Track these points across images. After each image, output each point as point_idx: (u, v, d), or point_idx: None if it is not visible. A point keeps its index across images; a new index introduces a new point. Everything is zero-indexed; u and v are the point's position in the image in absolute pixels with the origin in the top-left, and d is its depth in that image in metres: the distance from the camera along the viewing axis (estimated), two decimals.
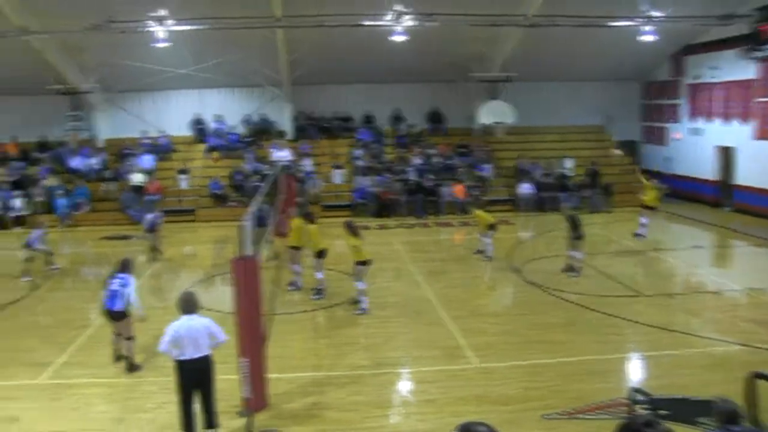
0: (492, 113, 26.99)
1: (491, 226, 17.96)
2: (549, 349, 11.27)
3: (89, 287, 16.31)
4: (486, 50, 25.52)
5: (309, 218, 15.06)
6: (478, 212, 18.56)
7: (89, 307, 14.42)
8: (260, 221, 15.83)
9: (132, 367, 10.67)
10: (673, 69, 27.99)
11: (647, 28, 21.99)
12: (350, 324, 12.97)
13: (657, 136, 29.67)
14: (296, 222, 15.48)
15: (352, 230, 13.58)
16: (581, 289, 14.71)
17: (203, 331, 8.07)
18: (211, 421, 8.34)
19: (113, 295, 10.56)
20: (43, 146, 27.80)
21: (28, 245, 17.14)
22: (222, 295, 14.33)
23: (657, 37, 22.59)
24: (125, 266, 10.90)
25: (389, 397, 9.68)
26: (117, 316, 10.63)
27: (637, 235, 20.12)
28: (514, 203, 25.82)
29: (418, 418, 8.94)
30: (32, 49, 22.80)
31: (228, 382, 9.35)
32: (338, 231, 22.22)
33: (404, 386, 10.24)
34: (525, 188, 25.67)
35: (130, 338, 10.73)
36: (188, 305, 8.19)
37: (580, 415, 8.79)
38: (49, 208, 24.54)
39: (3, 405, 9.50)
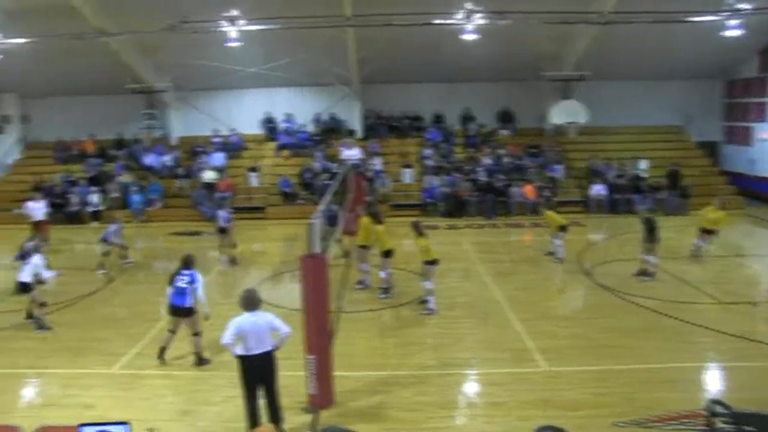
0: (564, 113, 26.48)
1: (562, 228, 17.66)
2: (620, 354, 10.94)
3: (161, 281, 16.61)
4: (558, 48, 25.04)
5: (376, 218, 15.05)
6: (549, 213, 18.23)
7: (161, 301, 14.67)
8: (330, 220, 15.98)
9: (201, 361, 10.85)
10: (761, 65, 26.61)
11: (732, 22, 20.77)
12: (417, 324, 12.88)
13: (741, 137, 28.33)
14: (365, 221, 15.48)
15: (419, 230, 13.60)
16: (655, 294, 14.24)
17: (266, 327, 8.12)
18: (275, 415, 8.37)
19: (181, 292, 10.74)
20: (119, 144, 28.74)
21: (104, 239, 17.70)
22: (290, 293, 14.49)
23: (743, 32, 21.31)
24: (189, 262, 11.07)
25: (455, 399, 9.56)
26: (185, 313, 10.81)
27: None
28: (586, 205, 25.23)
29: (484, 420, 8.80)
30: (110, 50, 23.56)
31: (294, 378, 9.42)
32: (406, 231, 22.26)
33: (470, 388, 10.10)
34: (597, 189, 25.05)
35: (197, 334, 10.90)
36: (250, 302, 8.23)
37: (654, 425, 8.47)
38: (123, 203, 25.31)
39: (80, 392, 9.87)
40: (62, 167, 27.67)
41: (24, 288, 12.85)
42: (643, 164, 26.44)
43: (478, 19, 20.73)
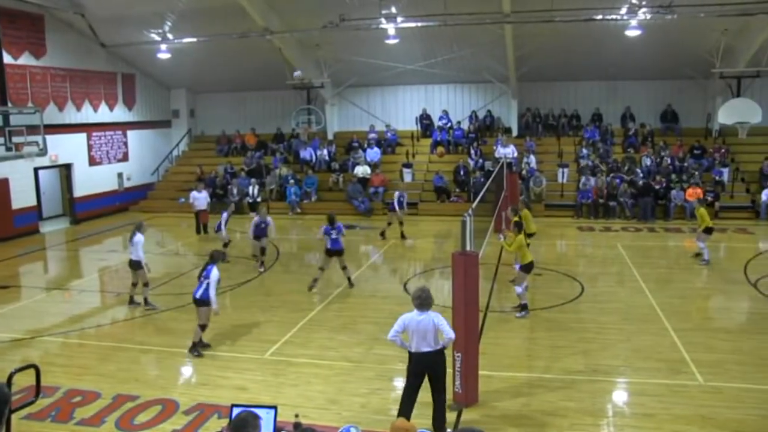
0: (734, 112, 24.75)
1: (708, 230, 16.98)
2: None
3: (312, 272, 17.26)
4: (731, 43, 23.33)
5: (518, 228, 13.84)
6: (702, 211, 17.37)
7: (313, 292, 15.28)
8: None
9: (194, 348, 11.42)
10: None
11: None
12: (567, 327, 12.58)
13: None
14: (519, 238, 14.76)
15: (521, 230, 13.48)
16: None
17: (431, 327, 8.06)
18: (438, 416, 8.28)
19: (199, 284, 11.39)
20: (277, 138, 30.07)
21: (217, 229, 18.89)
22: (440, 289, 14.66)
23: None
24: (213, 258, 11.58)
25: (603, 406, 9.25)
26: (196, 303, 11.39)
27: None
28: (756, 210, 23.66)
29: (631, 431, 8.46)
30: (273, 48, 24.71)
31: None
32: (560, 231, 21.93)
33: (620, 396, 9.72)
34: None
35: (202, 325, 11.47)
36: (421, 301, 8.22)
37: None
38: (280, 196, 26.44)
39: (234, 375, 10.47)
40: (224, 159, 29.38)
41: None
42: None
43: (643, 14, 19.93)
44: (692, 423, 8.56)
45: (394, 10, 20.70)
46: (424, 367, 8.17)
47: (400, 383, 10.05)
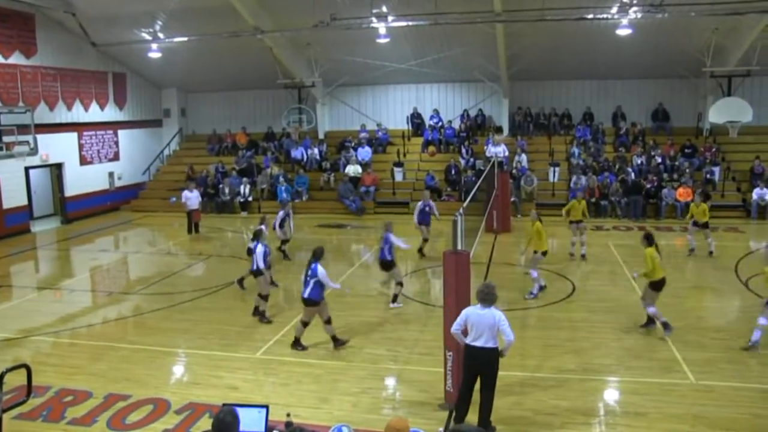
0: (725, 111, 24.87)
1: (704, 224, 17.61)
2: None
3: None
4: (722, 42, 23.44)
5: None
6: (696, 206, 17.84)
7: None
8: None
9: (337, 343, 11.45)
10: None
11: None
12: (559, 326, 12.64)
13: None
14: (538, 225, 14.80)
15: (649, 241, 12.56)
16: None
17: (491, 324, 8.09)
18: (483, 413, 8.27)
19: (305, 284, 11.34)
20: (268, 137, 30.04)
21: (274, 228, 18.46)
22: (432, 288, 14.69)
23: None
24: (315, 255, 11.53)
25: (594, 405, 9.28)
26: (303, 303, 11.37)
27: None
28: (747, 209, 23.78)
29: (624, 430, 8.49)
30: (264, 48, 24.71)
31: (433, 374, 9.55)
32: (551, 230, 21.93)
33: (611, 395, 9.75)
34: (759, 193, 23.49)
35: (327, 321, 11.48)
36: (484, 296, 8.26)
37: None
38: (271, 195, 26.42)
39: (226, 374, 10.48)
40: (215, 158, 29.35)
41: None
42: None
43: (634, 13, 19.99)
44: (684, 422, 8.59)
45: (385, 9, 20.71)
46: (477, 362, 8.20)
47: (391, 382, 10.14)
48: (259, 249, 13.16)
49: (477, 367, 8.21)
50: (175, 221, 24.25)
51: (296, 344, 11.48)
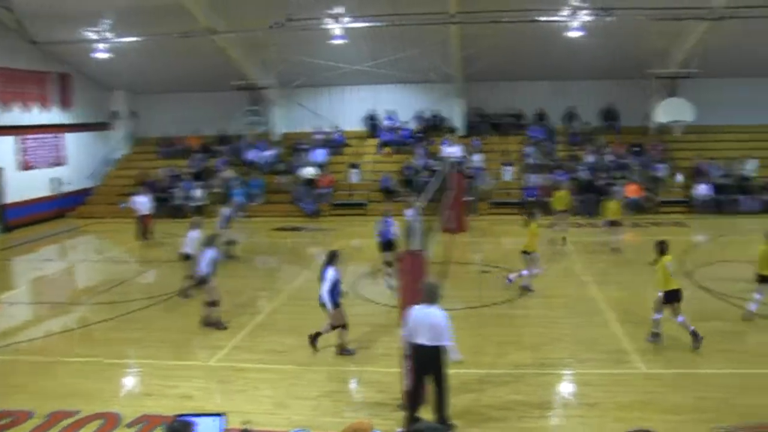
0: (670, 111, 25.57)
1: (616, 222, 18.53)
2: (724, 358, 10.55)
3: (261, 276, 17.17)
4: (666, 45, 24.13)
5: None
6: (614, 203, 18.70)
7: (260, 295, 15.17)
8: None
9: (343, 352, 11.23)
10: None
11: None
12: (515, 323, 12.80)
13: None
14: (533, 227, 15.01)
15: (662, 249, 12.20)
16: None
17: (433, 324, 8.12)
18: (438, 415, 8.31)
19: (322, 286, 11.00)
20: (222, 140, 29.64)
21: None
22: (388, 289, 14.68)
23: None
24: (330, 258, 11.19)
25: (550, 399, 9.45)
26: (322, 307, 11.07)
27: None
28: (690, 205, 24.43)
29: (579, 421, 8.67)
30: (216, 48, 24.38)
31: (390, 375, 9.55)
32: (507, 228, 22.20)
33: (566, 388, 9.96)
34: (702, 189, 24.18)
35: (334, 327, 11.18)
36: (426, 295, 8.30)
37: None
38: (225, 199, 25.95)
39: (179, 383, 10.22)
40: (167, 162, 28.81)
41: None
42: (751, 164, 25.22)
43: (584, 16, 20.34)
44: (635, 409, 8.84)
45: (341, 10, 20.67)
46: (421, 360, 8.23)
47: (351, 385, 10.10)
48: (209, 254, 12.59)
49: (422, 366, 8.26)
50: (125, 227, 23.69)
51: (343, 351, 11.21)
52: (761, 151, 26.00)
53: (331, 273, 10.90)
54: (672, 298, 11.02)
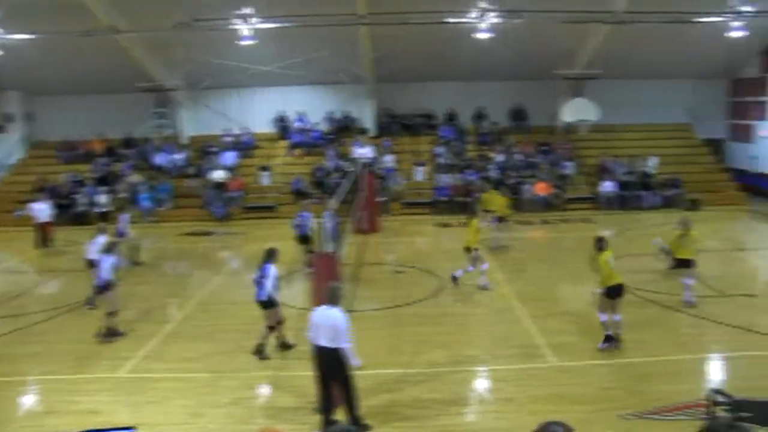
0: (576, 111, 26.38)
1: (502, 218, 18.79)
2: (629, 348, 10.93)
3: (170, 282, 16.70)
4: (571, 47, 24.88)
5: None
6: (487, 196, 19.16)
7: (170, 302, 14.74)
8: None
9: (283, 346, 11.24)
10: (762, 65, 26.82)
11: (736, 23, 21.26)
12: (429, 321, 12.83)
13: (743, 134, 28.53)
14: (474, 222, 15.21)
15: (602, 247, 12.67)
16: (662, 288, 14.17)
17: (332, 324, 8.06)
18: (349, 415, 8.29)
19: (257, 285, 10.95)
20: (128, 143, 28.64)
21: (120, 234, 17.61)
22: (302, 292, 14.49)
23: (746, 33, 21.87)
24: (269, 255, 11.13)
25: (465, 395, 9.55)
26: (262, 305, 11.01)
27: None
28: (596, 201, 25.29)
29: (494, 416, 8.80)
30: (120, 48, 23.52)
31: (305, 378, 9.37)
32: (418, 228, 22.34)
33: (481, 384, 10.11)
34: (607, 186, 25.06)
35: (271, 327, 11.15)
36: (328, 297, 8.23)
37: (658, 416, 8.56)
38: (133, 204, 25.13)
39: (84, 398, 9.71)
40: (68, 167, 27.52)
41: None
42: (653, 162, 26.33)
43: (492, 18, 20.69)
44: (548, 402, 9.05)
45: (249, 10, 20.32)
46: (320, 361, 8.20)
47: (265, 390, 9.92)
48: (110, 260, 12.19)
49: (322, 367, 8.23)
50: (22, 235, 22.61)
51: (282, 345, 11.20)
52: (661, 149, 27.29)
53: (272, 270, 10.87)
54: (615, 293, 10.86)
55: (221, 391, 9.80)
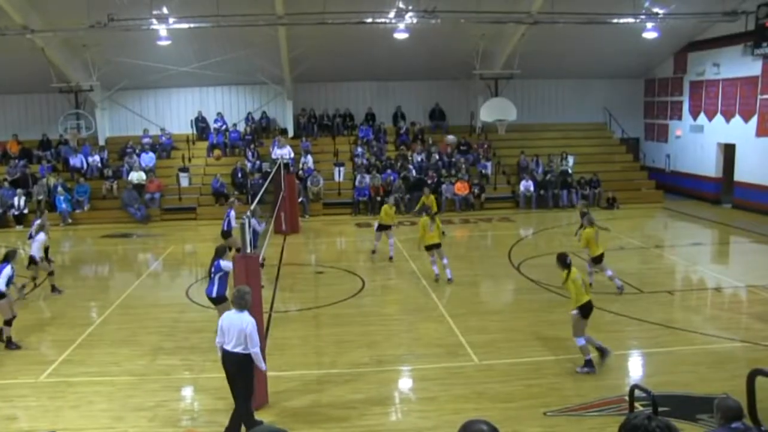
0: (494, 110, 26.87)
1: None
2: (550, 346, 11.24)
3: (89, 286, 16.34)
4: (489, 47, 25.40)
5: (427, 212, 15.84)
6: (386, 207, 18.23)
7: (89, 306, 14.43)
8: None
9: None
10: (676, 66, 27.89)
11: (650, 25, 21.96)
12: (352, 322, 12.94)
13: (659, 133, 29.62)
14: (423, 220, 15.56)
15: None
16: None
17: (240, 329, 7.98)
18: (232, 420, 8.25)
19: (210, 282, 11.29)
20: (44, 144, 27.74)
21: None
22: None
23: (660, 34, 22.65)
24: (220, 252, 11.33)
25: (389, 395, 9.66)
26: (212, 301, 11.35)
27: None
28: (516, 200, 25.86)
29: (418, 415, 8.92)
30: (34, 48, 22.71)
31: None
32: (339, 228, 22.44)
33: (404, 384, 10.24)
34: (525, 185, 25.68)
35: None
36: (238, 300, 8.16)
37: (582, 413, 8.80)
38: (50, 206, 24.38)
39: (3, 404, 9.46)
40: None
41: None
42: (571, 161, 27.13)
43: (410, 18, 20.91)
44: (470, 400, 9.23)
45: (165, 10, 19.96)
46: (226, 365, 8.18)
47: (188, 393, 9.88)
48: (6, 271, 11.87)
49: (227, 373, 8.24)
50: None
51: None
52: (578, 148, 28.20)
53: (223, 265, 11.06)
54: (588, 311, 10.23)
55: (143, 394, 9.68)
